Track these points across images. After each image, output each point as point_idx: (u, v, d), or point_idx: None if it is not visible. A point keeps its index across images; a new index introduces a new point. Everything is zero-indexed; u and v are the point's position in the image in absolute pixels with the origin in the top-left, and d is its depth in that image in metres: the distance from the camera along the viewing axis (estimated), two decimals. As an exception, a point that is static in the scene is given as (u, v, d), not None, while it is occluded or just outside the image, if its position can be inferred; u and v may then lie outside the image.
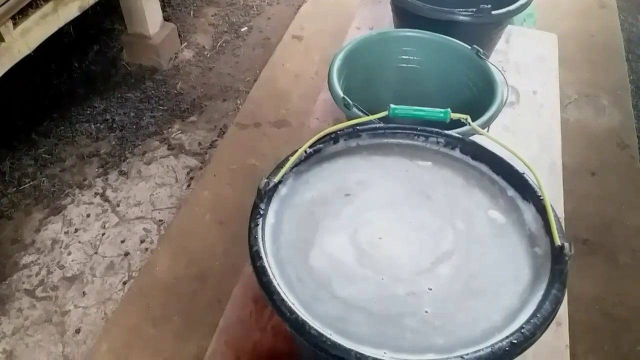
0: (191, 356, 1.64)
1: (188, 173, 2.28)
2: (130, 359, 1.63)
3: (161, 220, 2.09)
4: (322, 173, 0.88)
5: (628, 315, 1.77)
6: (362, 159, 0.91)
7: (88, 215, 2.11)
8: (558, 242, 0.75)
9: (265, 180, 0.80)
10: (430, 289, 0.74)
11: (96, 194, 2.18)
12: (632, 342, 1.71)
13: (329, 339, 0.64)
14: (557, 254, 0.74)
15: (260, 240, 0.74)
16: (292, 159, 0.83)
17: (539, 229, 0.80)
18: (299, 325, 0.65)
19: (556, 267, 0.73)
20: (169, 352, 1.65)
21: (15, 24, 1.84)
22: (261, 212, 0.78)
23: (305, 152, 0.86)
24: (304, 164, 0.87)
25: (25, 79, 2.51)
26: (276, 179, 0.81)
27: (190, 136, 2.42)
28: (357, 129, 0.90)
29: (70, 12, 2.07)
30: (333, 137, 0.89)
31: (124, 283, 1.86)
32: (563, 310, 1.06)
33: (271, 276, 0.70)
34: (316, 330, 0.65)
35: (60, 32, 2.13)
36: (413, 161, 0.91)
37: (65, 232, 2.04)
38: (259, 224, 0.76)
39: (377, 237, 0.80)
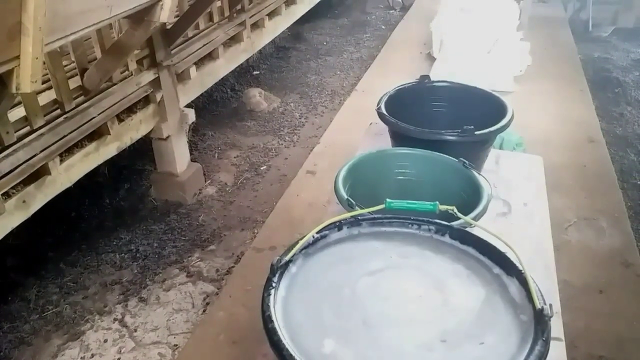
0: None
1: (204, 299, 2.36)
2: None
3: (176, 345, 2.13)
4: (327, 256, 0.99)
5: None
6: (362, 245, 1.03)
7: (105, 341, 2.16)
8: (538, 305, 0.83)
9: (278, 258, 0.92)
10: (430, 354, 0.81)
11: (115, 319, 2.25)
12: None
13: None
14: (538, 315, 0.82)
15: (272, 306, 0.84)
16: (302, 242, 0.96)
17: (523, 299, 0.89)
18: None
19: (539, 327, 0.81)
20: None
21: (61, 160, 2.10)
22: (273, 284, 0.89)
23: (313, 236, 0.99)
24: (311, 247, 0.99)
25: (61, 214, 2.74)
26: (287, 258, 0.93)
27: (208, 263, 2.54)
28: (358, 218, 1.04)
29: (109, 151, 2.36)
30: (337, 225, 1.02)
31: (136, 407, 1.85)
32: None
33: (280, 335, 0.79)
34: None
35: (96, 172, 2.38)
36: (408, 246, 1.03)
37: (81, 358, 2.08)
38: (271, 294, 0.87)
39: (372, 311, 0.89)
